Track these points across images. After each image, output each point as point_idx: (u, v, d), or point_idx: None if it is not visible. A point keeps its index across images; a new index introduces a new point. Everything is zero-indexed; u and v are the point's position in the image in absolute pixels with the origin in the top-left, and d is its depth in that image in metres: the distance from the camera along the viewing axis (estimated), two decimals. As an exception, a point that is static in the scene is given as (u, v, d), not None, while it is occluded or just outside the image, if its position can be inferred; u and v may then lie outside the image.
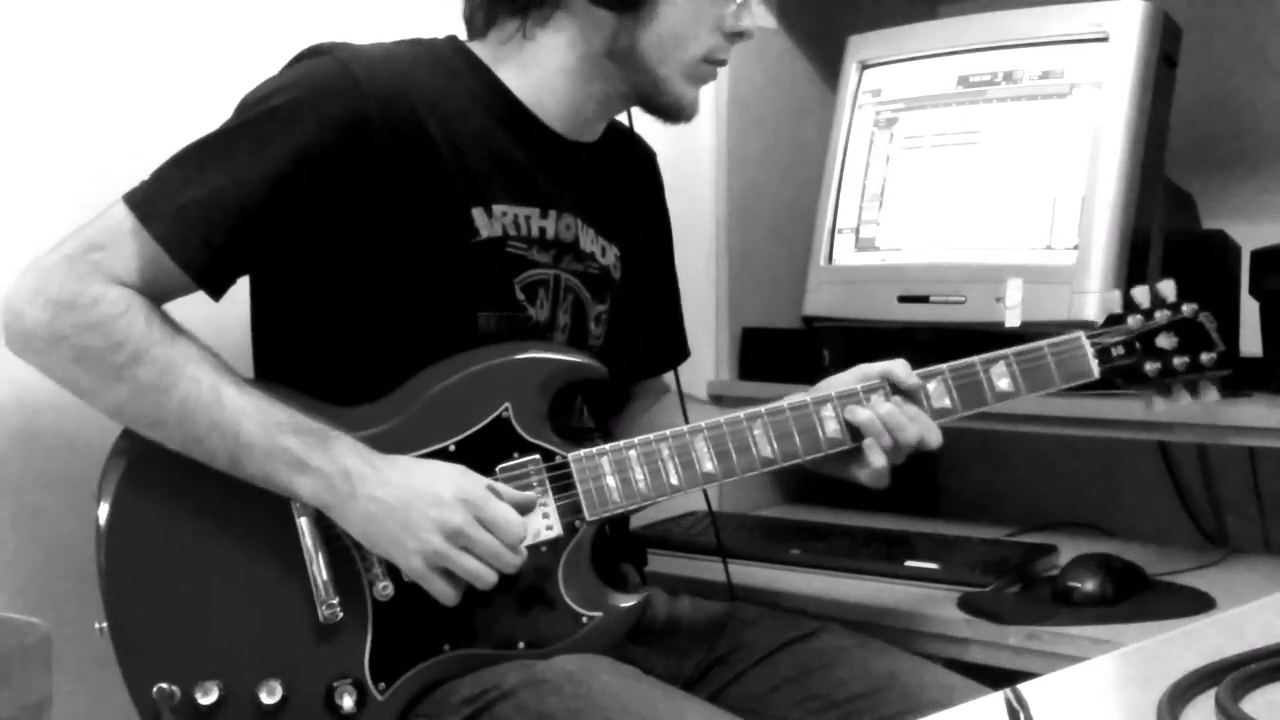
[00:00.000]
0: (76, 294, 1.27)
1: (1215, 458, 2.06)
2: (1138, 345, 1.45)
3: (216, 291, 1.33)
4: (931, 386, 1.42)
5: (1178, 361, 1.44)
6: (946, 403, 1.43)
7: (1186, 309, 1.46)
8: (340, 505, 1.29)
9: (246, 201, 1.29)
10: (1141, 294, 1.47)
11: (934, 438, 1.40)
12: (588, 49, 1.41)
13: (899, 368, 1.42)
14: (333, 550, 1.32)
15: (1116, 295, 1.49)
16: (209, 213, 1.29)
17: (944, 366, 1.43)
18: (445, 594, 1.31)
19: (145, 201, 1.30)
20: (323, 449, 1.29)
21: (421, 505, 1.28)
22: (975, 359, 1.43)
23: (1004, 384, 1.43)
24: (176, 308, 1.34)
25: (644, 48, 1.40)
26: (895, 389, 1.41)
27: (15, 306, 1.29)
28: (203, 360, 1.30)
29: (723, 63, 1.46)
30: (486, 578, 1.30)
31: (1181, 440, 1.90)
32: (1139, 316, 1.46)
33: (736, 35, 1.44)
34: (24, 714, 1.14)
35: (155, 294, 1.31)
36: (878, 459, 1.40)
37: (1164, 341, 1.45)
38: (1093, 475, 2.17)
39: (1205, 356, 1.45)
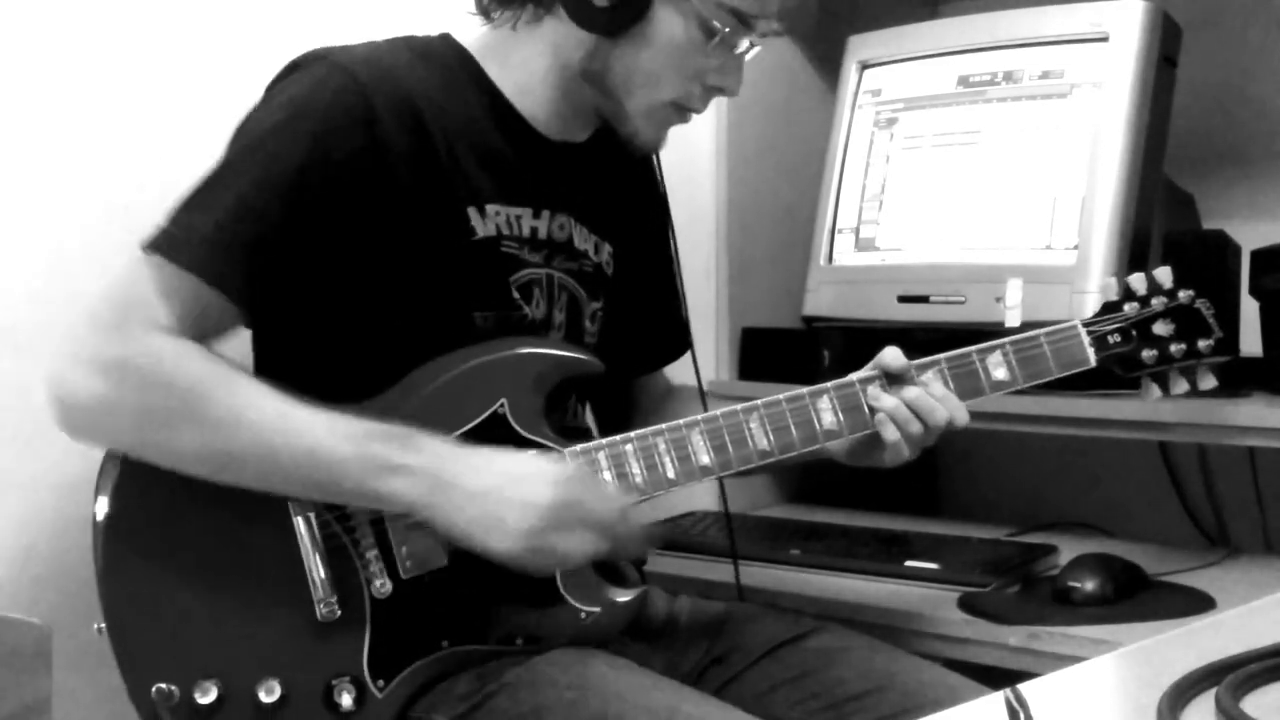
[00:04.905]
0: (128, 352, 1.26)
1: (1215, 458, 2.06)
2: (1134, 333, 1.44)
3: (251, 306, 1.31)
4: (928, 377, 1.41)
5: (1174, 349, 1.43)
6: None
7: (1183, 295, 1.44)
8: (437, 498, 1.28)
9: (265, 214, 1.28)
10: (1138, 281, 1.45)
11: (963, 417, 1.40)
12: (566, 61, 1.40)
13: (888, 354, 1.41)
14: (330, 548, 1.31)
15: (1113, 282, 1.48)
16: (230, 231, 1.28)
17: (940, 357, 1.42)
18: (543, 571, 1.32)
19: (166, 240, 1.28)
20: (410, 448, 1.28)
21: (516, 487, 1.28)
22: (971, 349, 1.42)
23: (1000, 373, 1.42)
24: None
25: (615, 75, 1.39)
26: (889, 377, 1.40)
27: (64, 384, 1.26)
28: (264, 389, 1.29)
29: (695, 110, 1.44)
30: (579, 555, 1.31)
31: (1181, 440, 1.89)
32: (1135, 304, 1.44)
33: (716, 89, 1.43)
34: (24, 714, 1.14)
35: (200, 333, 1.29)
36: (900, 451, 1.39)
37: (1161, 329, 1.44)
38: (1093, 475, 2.17)
39: (1203, 343, 1.44)
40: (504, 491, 1.28)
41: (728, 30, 1.37)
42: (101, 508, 1.32)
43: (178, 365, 1.26)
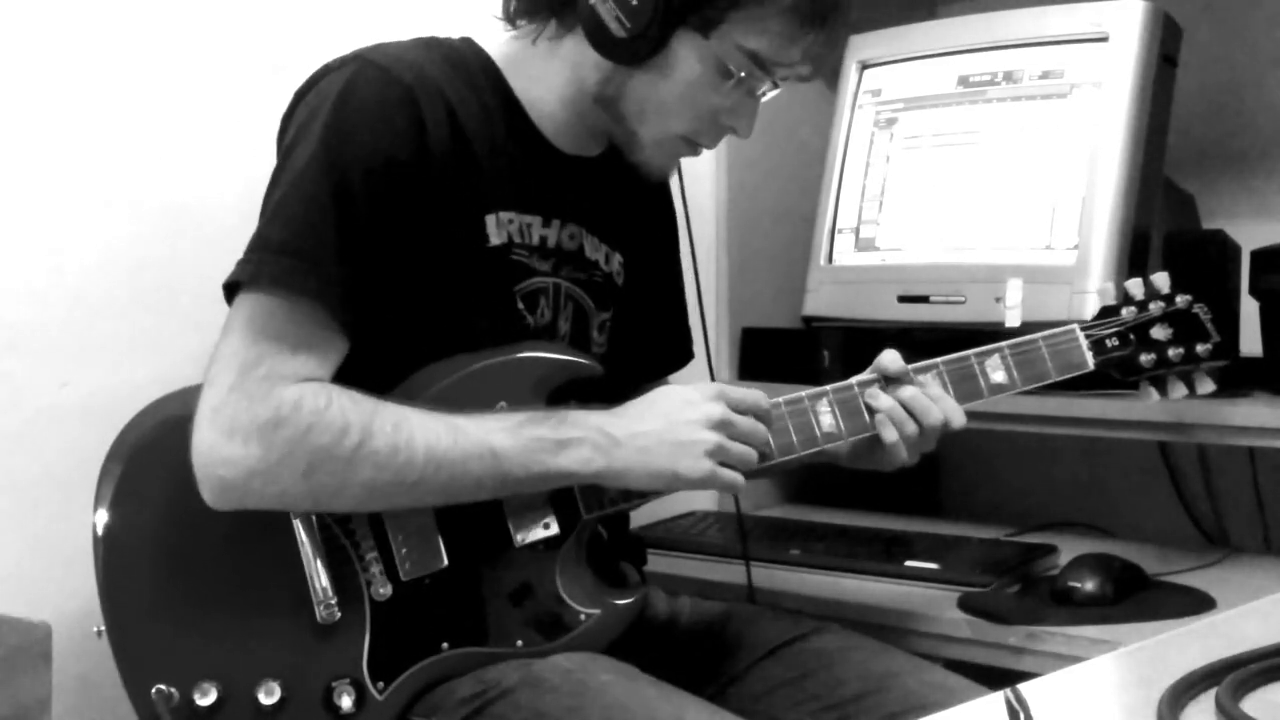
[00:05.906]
0: (275, 409, 1.24)
1: (1215, 458, 2.06)
2: (1132, 337, 1.45)
3: (349, 307, 1.28)
4: (925, 379, 1.41)
5: (1173, 353, 1.45)
6: None
7: (1180, 300, 1.46)
8: (611, 459, 1.31)
9: (342, 220, 1.27)
10: (1136, 286, 1.47)
11: (959, 419, 1.40)
12: (581, 83, 1.40)
13: (886, 356, 1.41)
14: (330, 550, 1.32)
15: (1111, 287, 1.49)
16: (306, 243, 1.27)
17: (938, 360, 1.42)
18: (737, 482, 1.34)
19: (252, 279, 1.27)
20: (567, 423, 1.31)
21: (681, 415, 1.32)
22: (970, 352, 1.43)
23: (999, 376, 1.43)
24: (174, 307, 1.33)
25: (629, 103, 1.39)
26: (887, 379, 1.41)
27: (217, 456, 1.24)
28: (412, 409, 1.29)
29: (706, 145, 1.43)
30: (752, 458, 1.34)
31: (1181, 440, 1.89)
32: (1133, 308, 1.46)
33: (728, 128, 1.42)
34: (24, 714, 1.15)
35: (326, 368, 1.28)
36: (899, 453, 1.39)
37: (1159, 333, 1.45)
38: (1093, 475, 2.17)
39: (1200, 347, 1.45)
40: (673, 419, 1.32)
41: (744, 74, 1.36)
42: (102, 511, 1.32)
43: (332, 408, 1.25)
